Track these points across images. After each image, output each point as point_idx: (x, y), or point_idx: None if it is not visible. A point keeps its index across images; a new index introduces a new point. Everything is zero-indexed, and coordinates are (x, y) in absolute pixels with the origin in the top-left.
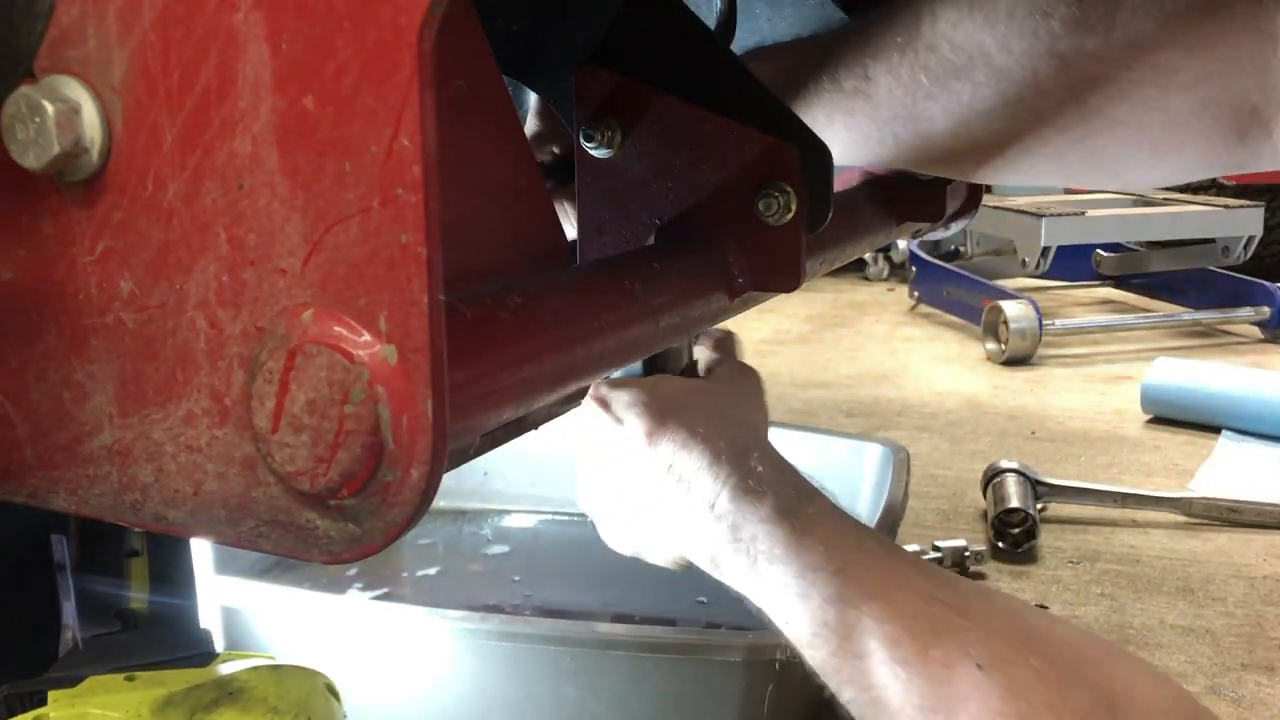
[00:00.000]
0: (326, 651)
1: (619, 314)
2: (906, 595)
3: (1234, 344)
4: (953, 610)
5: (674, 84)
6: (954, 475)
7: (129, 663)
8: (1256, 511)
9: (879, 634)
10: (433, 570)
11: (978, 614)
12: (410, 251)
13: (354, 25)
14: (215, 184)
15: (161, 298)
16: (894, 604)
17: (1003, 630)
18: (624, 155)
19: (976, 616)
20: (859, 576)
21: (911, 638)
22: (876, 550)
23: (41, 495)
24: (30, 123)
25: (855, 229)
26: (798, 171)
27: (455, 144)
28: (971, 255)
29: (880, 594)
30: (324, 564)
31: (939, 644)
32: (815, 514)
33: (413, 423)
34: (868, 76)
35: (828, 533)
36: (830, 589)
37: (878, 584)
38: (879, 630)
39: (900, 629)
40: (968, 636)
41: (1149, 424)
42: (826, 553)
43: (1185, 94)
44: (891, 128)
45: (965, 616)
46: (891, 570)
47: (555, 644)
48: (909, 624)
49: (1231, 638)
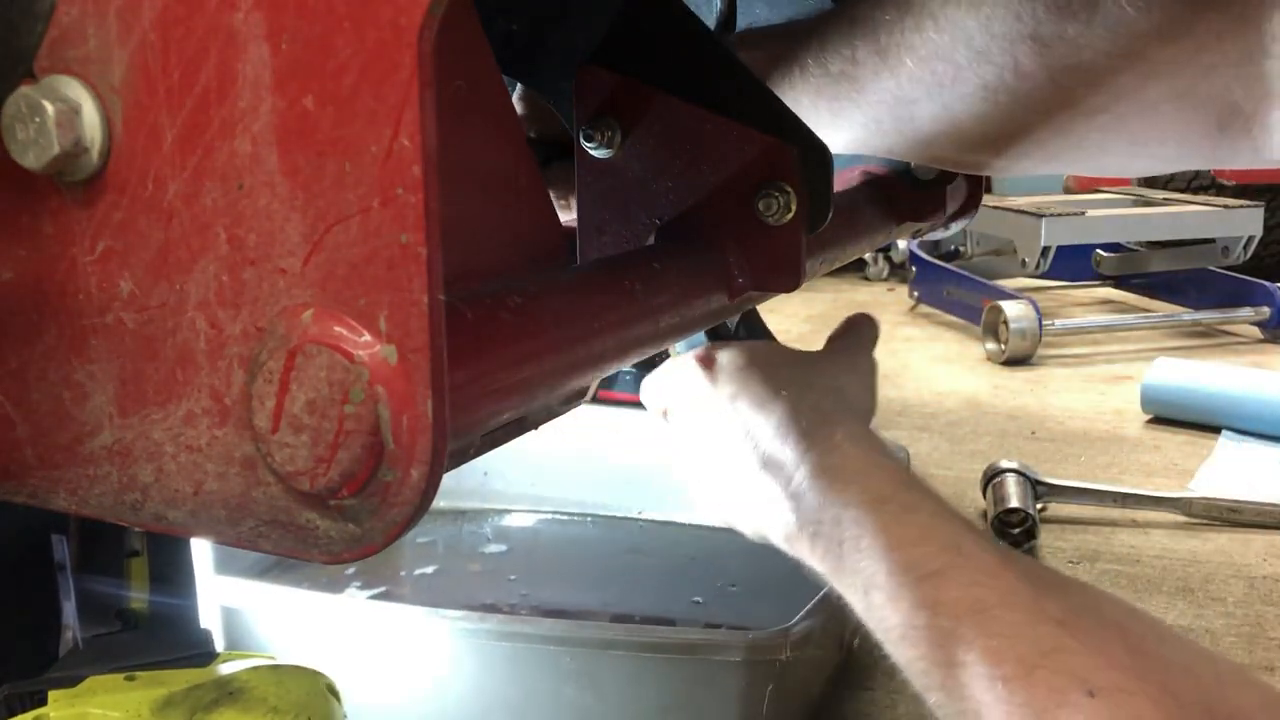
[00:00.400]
0: (327, 651)
1: (619, 314)
2: (1011, 612)
3: (1234, 344)
4: (1063, 629)
5: (674, 84)
6: (954, 475)
7: (129, 663)
8: (1256, 511)
9: (979, 647)
10: (430, 569)
11: (1088, 632)
12: (410, 251)
13: (354, 25)
14: (215, 184)
15: (162, 298)
16: (997, 620)
17: (1115, 653)
18: (624, 155)
19: (1087, 635)
20: (958, 582)
21: (1016, 656)
22: (976, 552)
23: (41, 495)
24: (30, 123)
25: (855, 229)
26: (798, 171)
27: (455, 144)
28: (971, 255)
29: (981, 605)
30: (324, 564)
31: (1046, 665)
32: (909, 502)
33: (413, 423)
34: (855, 59)
35: (922, 527)
36: (923, 593)
37: (979, 593)
38: (979, 644)
39: (1003, 645)
40: (1077, 660)
41: (1149, 424)
42: (920, 551)
43: (1162, 83)
44: (876, 113)
45: (1074, 635)
46: (994, 576)
47: (555, 644)
48: (1013, 640)
49: (1231, 638)
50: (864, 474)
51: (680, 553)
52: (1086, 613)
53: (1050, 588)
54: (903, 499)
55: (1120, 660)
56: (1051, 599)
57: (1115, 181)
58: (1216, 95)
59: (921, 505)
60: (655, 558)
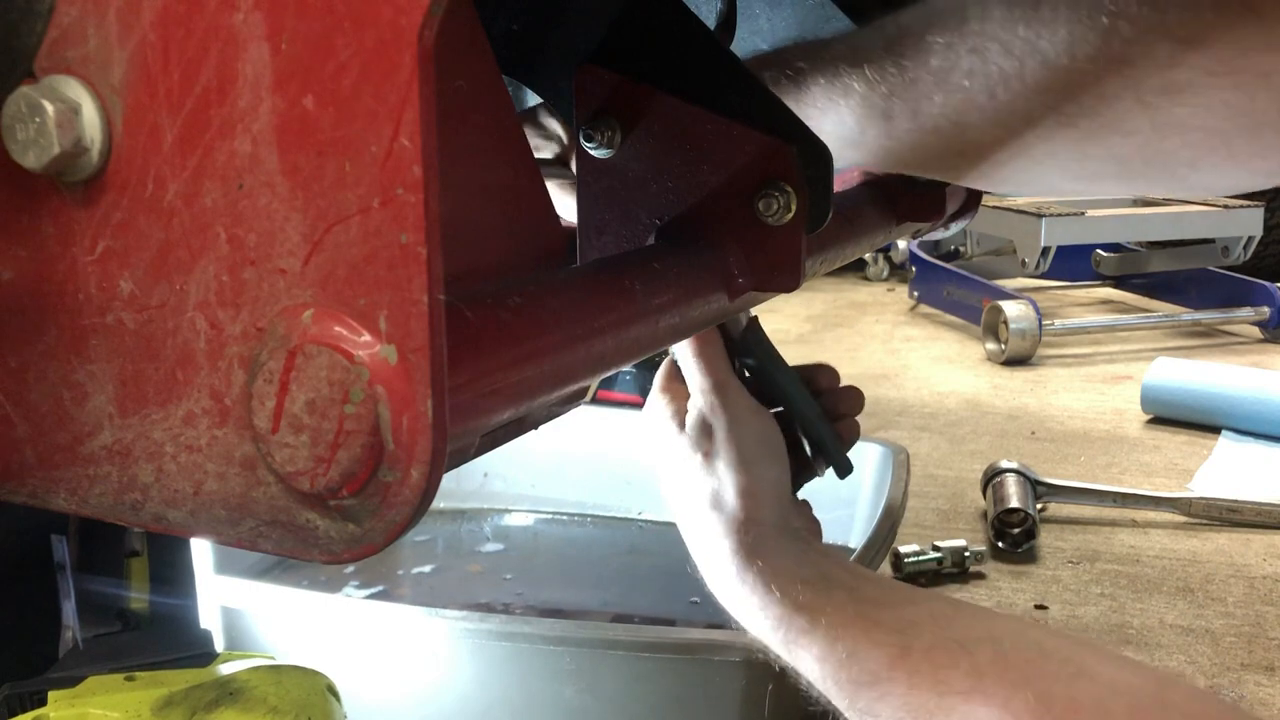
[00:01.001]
0: (327, 651)
1: (619, 314)
2: (919, 695)
3: (1234, 344)
4: (970, 697)
5: (674, 84)
6: (954, 475)
7: (129, 663)
8: (1256, 511)
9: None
10: (428, 568)
11: (996, 696)
12: (410, 251)
13: (354, 25)
14: (215, 184)
15: (162, 298)
16: (908, 705)
17: (1021, 709)
18: (624, 155)
19: (995, 699)
20: (864, 683)
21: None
22: (871, 651)
23: (41, 495)
24: (30, 123)
25: (855, 229)
26: (798, 171)
27: (455, 144)
28: (971, 255)
29: (890, 696)
30: (324, 564)
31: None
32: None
33: (413, 423)
34: (905, 82)
35: (822, 639)
36: (841, 700)
37: (883, 688)
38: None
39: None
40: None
41: (1149, 424)
42: (822, 666)
43: (1271, 93)
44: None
45: (983, 702)
46: (894, 668)
47: (555, 644)
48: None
49: (1231, 638)
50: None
51: (680, 553)
52: (991, 673)
53: (955, 657)
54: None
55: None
56: (956, 669)
57: None
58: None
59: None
60: (654, 558)
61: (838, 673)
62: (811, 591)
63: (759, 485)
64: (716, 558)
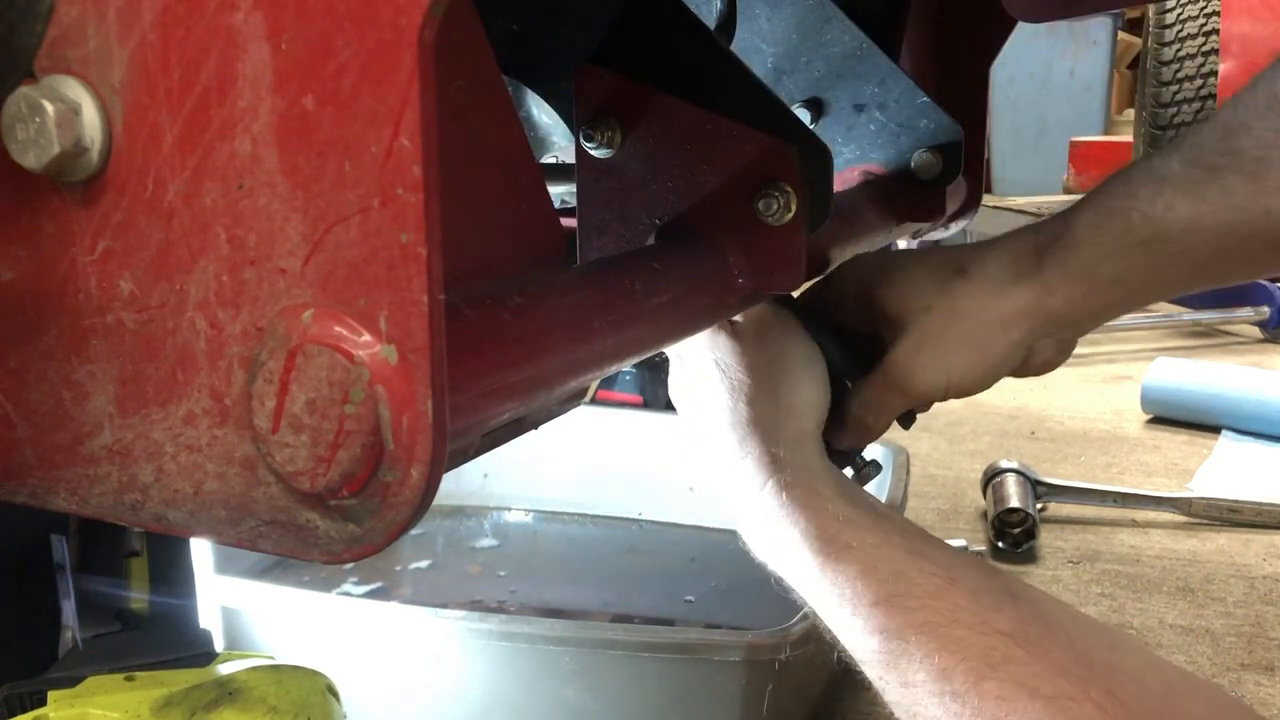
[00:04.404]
0: (326, 651)
1: (619, 314)
2: (958, 629)
3: (1234, 344)
4: (1010, 640)
5: (674, 84)
6: (954, 475)
7: (129, 663)
8: (1256, 511)
9: (928, 666)
10: (426, 564)
11: (1035, 642)
12: (410, 251)
13: (354, 25)
14: (215, 184)
15: (162, 298)
16: (944, 637)
17: (1063, 661)
18: (624, 155)
19: (1034, 646)
20: (903, 608)
21: (964, 671)
22: (919, 578)
23: (41, 495)
24: (30, 123)
25: (855, 229)
26: (798, 171)
27: (455, 144)
28: None
29: (928, 626)
30: (324, 564)
31: (994, 676)
32: (851, 540)
33: (413, 423)
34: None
35: (866, 558)
36: (873, 621)
37: (925, 616)
38: (928, 663)
39: (952, 660)
40: (1025, 670)
41: (1149, 424)
42: (863, 582)
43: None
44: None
45: (1022, 646)
46: (938, 598)
47: (555, 644)
48: (961, 656)
49: (1231, 638)
50: (806, 516)
51: (680, 553)
52: (1035, 622)
53: (999, 601)
54: (846, 538)
55: (1067, 668)
56: (1000, 612)
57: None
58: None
59: (864, 540)
60: (654, 558)
61: (877, 590)
62: (860, 511)
63: (803, 402)
64: (748, 475)
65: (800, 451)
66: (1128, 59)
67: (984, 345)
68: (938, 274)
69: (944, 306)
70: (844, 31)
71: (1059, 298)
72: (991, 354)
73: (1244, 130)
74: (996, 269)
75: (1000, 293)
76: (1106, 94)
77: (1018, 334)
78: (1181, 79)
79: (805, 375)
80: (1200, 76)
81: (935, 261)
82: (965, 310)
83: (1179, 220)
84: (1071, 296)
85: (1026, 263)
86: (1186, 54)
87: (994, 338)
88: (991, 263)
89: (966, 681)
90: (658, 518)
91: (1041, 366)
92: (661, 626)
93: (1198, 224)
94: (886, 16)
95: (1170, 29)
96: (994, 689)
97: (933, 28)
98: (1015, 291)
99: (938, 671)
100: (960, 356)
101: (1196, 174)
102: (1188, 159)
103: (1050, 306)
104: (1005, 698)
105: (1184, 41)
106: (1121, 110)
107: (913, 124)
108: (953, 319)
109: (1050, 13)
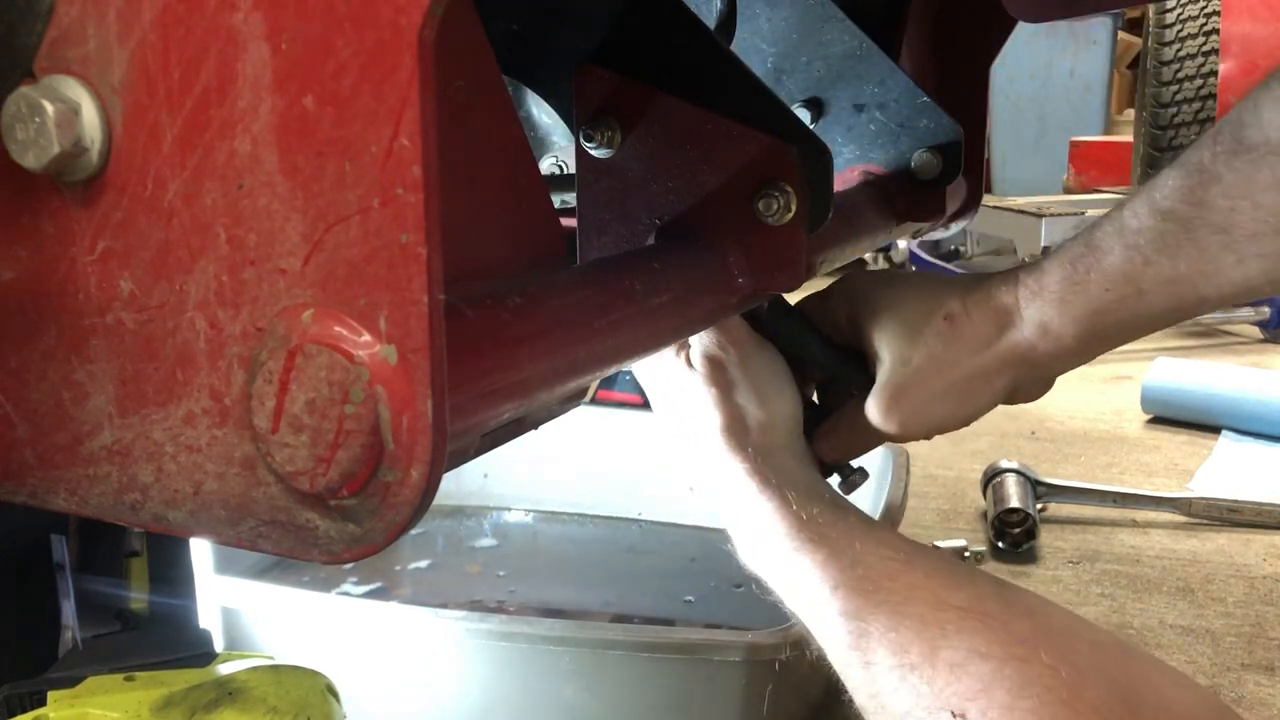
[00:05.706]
0: (326, 651)
1: (619, 314)
2: (915, 605)
3: (1234, 344)
4: (966, 613)
5: (674, 84)
6: (954, 475)
7: (129, 663)
8: (1256, 511)
9: (886, 642)
10: (425, 563)
11: (994, 615)
12: (410, 251)
13: (354, 25)
14: (215, 184)
15: (161, 298)
16: (900, 614)
17: (1019, 630)
18: (624, 155)
19: (992, 619)
20: (862, 590)
21: (920, 642)
22: (877, 563)
23: (41, 495)
24: (30, 123)
25: (855, 229)
26: (798, 171)
27: (455, 144)
28: (971, 255)
29: (885, 605)
30: (324, 564)
31: (947, 645)
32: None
33: (413, 423)
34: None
35: (829, 548)
36: (833, 605)
37: (882, 595)
38: (886, 639)
39: (908, 635)
40: (979, 637)
41: (1149, 424)
42: (824, 571)
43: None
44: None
45: (979, 619)
46: (895, 579)
47: (555, 644)
48: (917, 631)
49: (1231, 638)
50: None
51: (679, 553)
52: (994, 599)
53: (957, 581)
54: (810, 533)
55: (1022, 635)
56: (958, 590)
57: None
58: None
59: (827, 534)
60: (654, 558)
61: (839, 576)
62: (826, 508)
63: (775, 416)
64: (732, 479)
65: (773, 460)
66: (1128, 59)
67: (967, 394)
68: (928, 321)
69: (930, 357)
70: (844, 31)
71: (1042, 349)
72: (974, 402)
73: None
74: (981, 320)
75: (985, 346)
76: (1107, 94)
77: (1001, 382)
78: (1181, 79)
79: (778, 391)
80: (1200, 76)
81: (924, 306)
82: (950, 363)
83: (1158, 275)
84: (1054, 349)
85: (1012, 314)
86: (1186, 54)
87: (977, 387)
88: (976, 313)
89: (922, 653)
90: (658, 518)
91: (1024, 400)
92: (661, 626)
93: (1175, 275)
94: (886, 16)
95: (1170, 29)
96: (947, 656)
97: (933, 28)
98: (999, 345)
99: (895, 646)
100: (943, 407)
101: (1169, 228)
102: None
103: (1034, 357)
104: (958, 664)
105: (1184, 41)
106: (1122, 110)
107: (913, 124)
108: (938, 373)
109: (1050, 13)
